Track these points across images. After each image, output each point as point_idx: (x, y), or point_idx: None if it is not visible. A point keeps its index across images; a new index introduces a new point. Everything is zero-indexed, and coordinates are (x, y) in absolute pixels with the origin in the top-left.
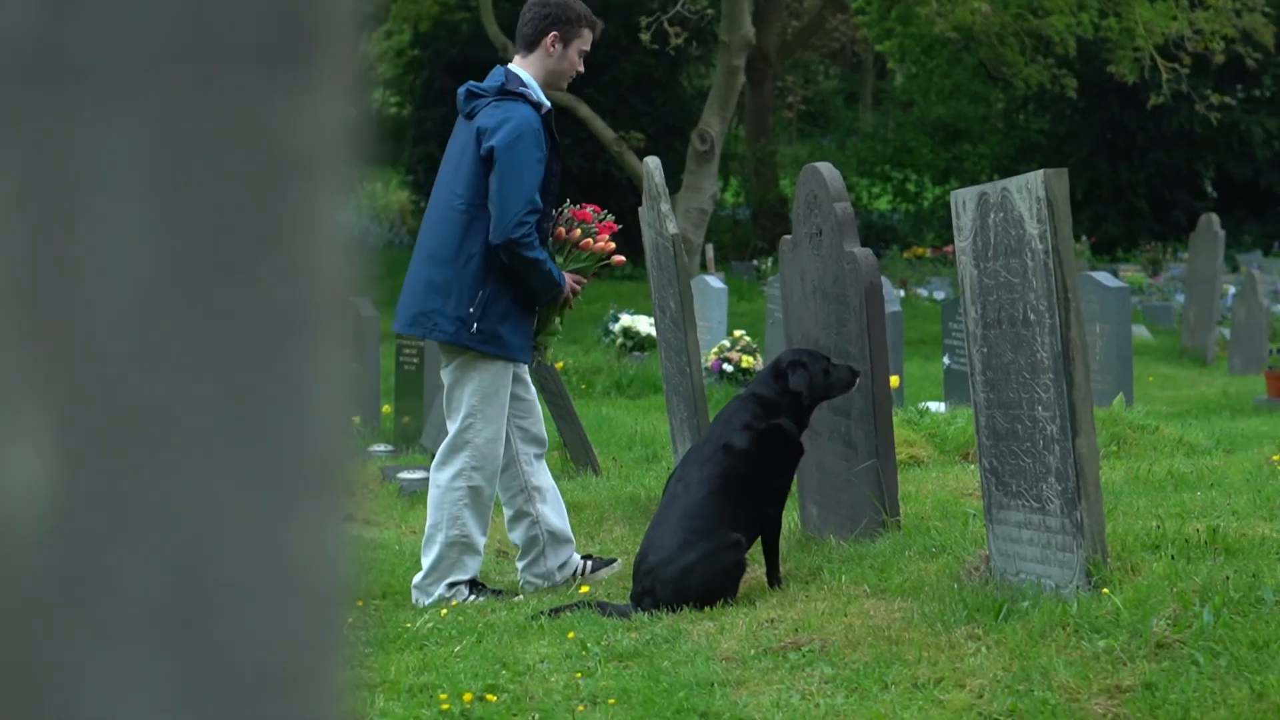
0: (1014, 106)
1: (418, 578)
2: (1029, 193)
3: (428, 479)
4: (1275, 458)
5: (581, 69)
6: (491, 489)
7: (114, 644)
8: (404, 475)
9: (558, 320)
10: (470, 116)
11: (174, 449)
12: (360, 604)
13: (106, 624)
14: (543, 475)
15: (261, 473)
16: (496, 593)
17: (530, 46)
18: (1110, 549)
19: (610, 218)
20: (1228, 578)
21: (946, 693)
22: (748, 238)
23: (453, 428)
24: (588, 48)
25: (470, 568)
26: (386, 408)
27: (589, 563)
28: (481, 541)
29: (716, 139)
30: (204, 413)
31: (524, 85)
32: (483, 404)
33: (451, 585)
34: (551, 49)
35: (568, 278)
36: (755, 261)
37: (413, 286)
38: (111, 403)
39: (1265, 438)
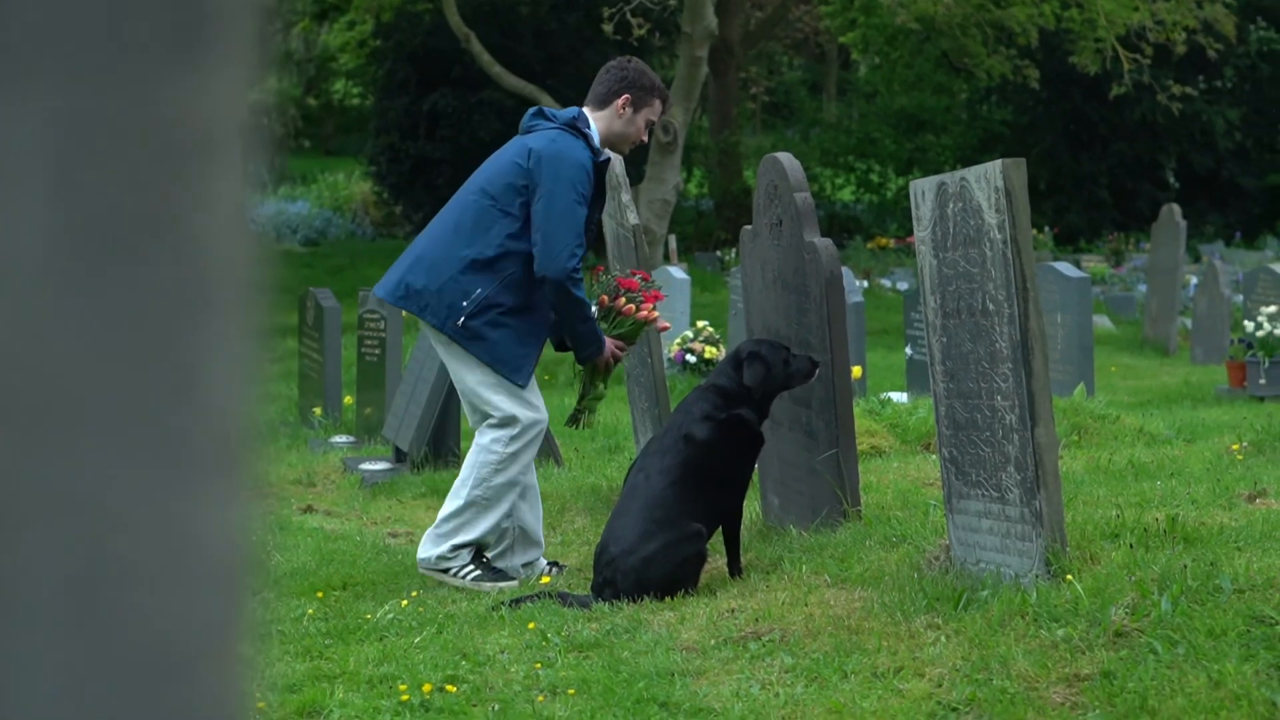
0: (977, 97)
1: (431, 528)
2: (987, 182)
3: (390, 470)
4: (1235, 447)
5: (646, 138)
6: (531, 456)
7: (13, 627)
8: (365, 467)
9: (601, 385)
10: (526, 133)
11: (72, 432)
12: (261, 586)
13: (5, 607)
14: (529, 474)
15: (161, 455)
16: (495, 571)
17: (601, 104)
18: (1069, 538)
19: (657, 286)
20: (1186, 567)
21: (906, 682)
22: (711, 229)
23: (491, 410)
24: (656, 119)
25: (480, 529)
26: (348, 399)
27: (554, 569)
28: (504, 507)
29: (679, 130)
30: (103, 395)
31: (590, 130)
32: (499, 387)
33: (457, 546)
34: (622, 111)
35: (609, 343)
36: (719, 252)
37: (414, 262)
38: (9, 386)
39: (1226, 427)
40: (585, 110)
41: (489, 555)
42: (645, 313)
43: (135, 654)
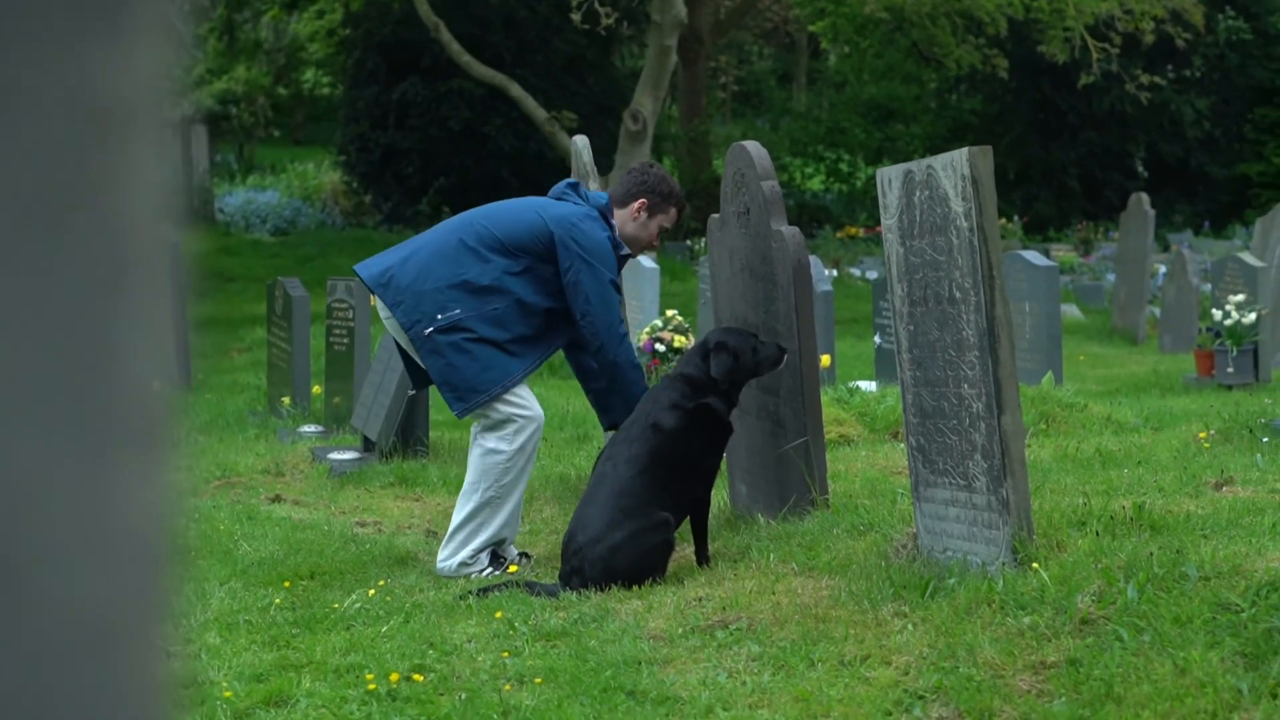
0: (946, 87)
1: (447, 537)
2: (954, 170)
3: (359, 460)
4: (1202, 435)
5: (658, 244)
6: (534, 451)
7: None
8: (334, 456)
9: None
10: (558, 199)
11: None
12: (182, 562)
13: None
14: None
15: (79, 431)
16: (525, 554)
17: (620, 204)
18: (1036, 526)
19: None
20: (1152, 554)
21: (873, 670)
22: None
23: (487, 412)
24: (670, 225)
25: (496, 528)
26: (317, 388)
27: (523, 558)
28: (515, 505)
29: (649, 119)
30: (20, 371)
31: (613, 223)
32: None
33: (477, 551)
34: (637, 215)
35: None
36: (688, 241)
37: (408, 257)
38: None
39: (1193, 415)
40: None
41: (504, 552)
42: None
43: (55, 632)
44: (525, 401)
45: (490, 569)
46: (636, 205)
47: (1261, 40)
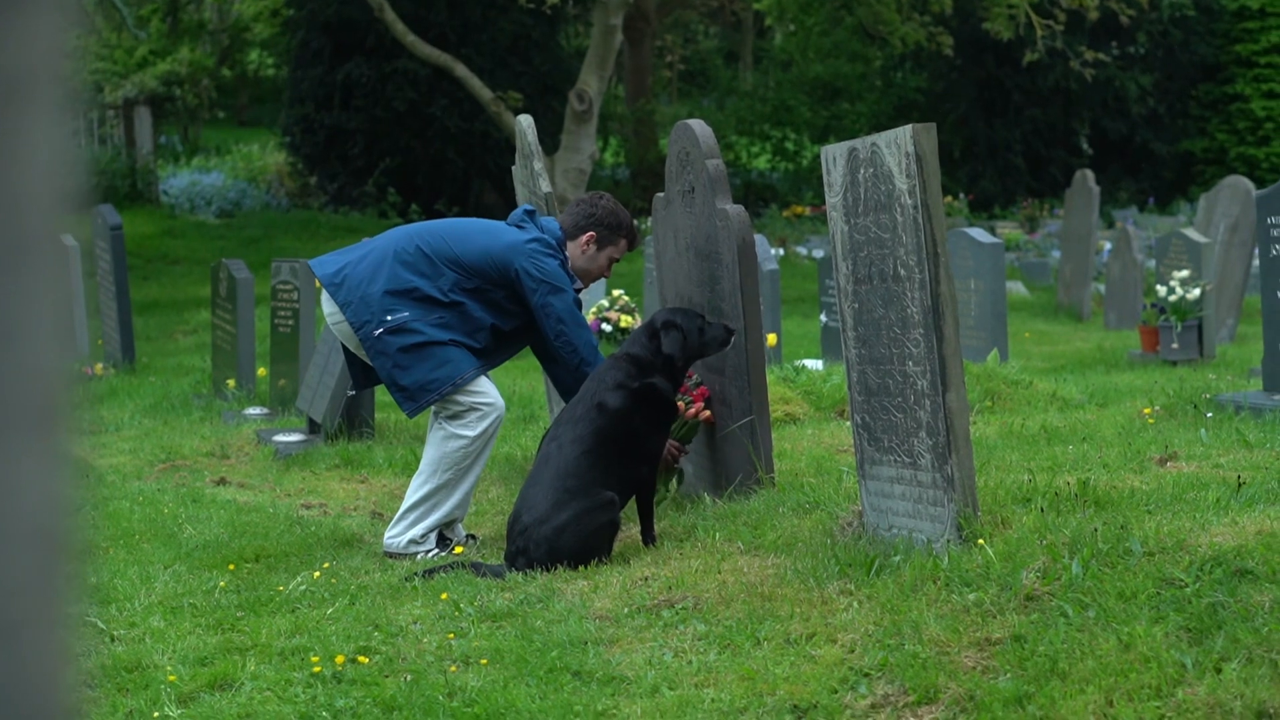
0: (891, 65)
1: (406, 507)
2: (898, 148)
3: (304, 442)
4: (1147, 411)
5: (609, 275)
6: (493, 439)
7: None
8: (279, 439)
9: (664, 488)
10: (517, 226)
11: None
12: (81, 548)
13: None
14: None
15: None
16: (471, 536)
17: (569, 236)
18: (981, 503)
19: (700, 383)
20: (1096, 530)
21: (818, 648)
22: (627, 197)
23: (446, 404)
24: (619, 257)
25: (445, 507)
26: (262, 370)
27: (471, 540)
28: (469, 489)
29: (595, 99)
30: None
31: (565, 255)
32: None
33: (425, 533)
34: (585, 247)
35: (670, 444)
36: (635, 221)
37: (363, 257)
38: None
39: (1138, 391)
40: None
41: (451, 533)
42: (697, 411)
43: None
44: (485, 390)
45: (437, 551)
46: (585, 238)
47: (1205, 17)
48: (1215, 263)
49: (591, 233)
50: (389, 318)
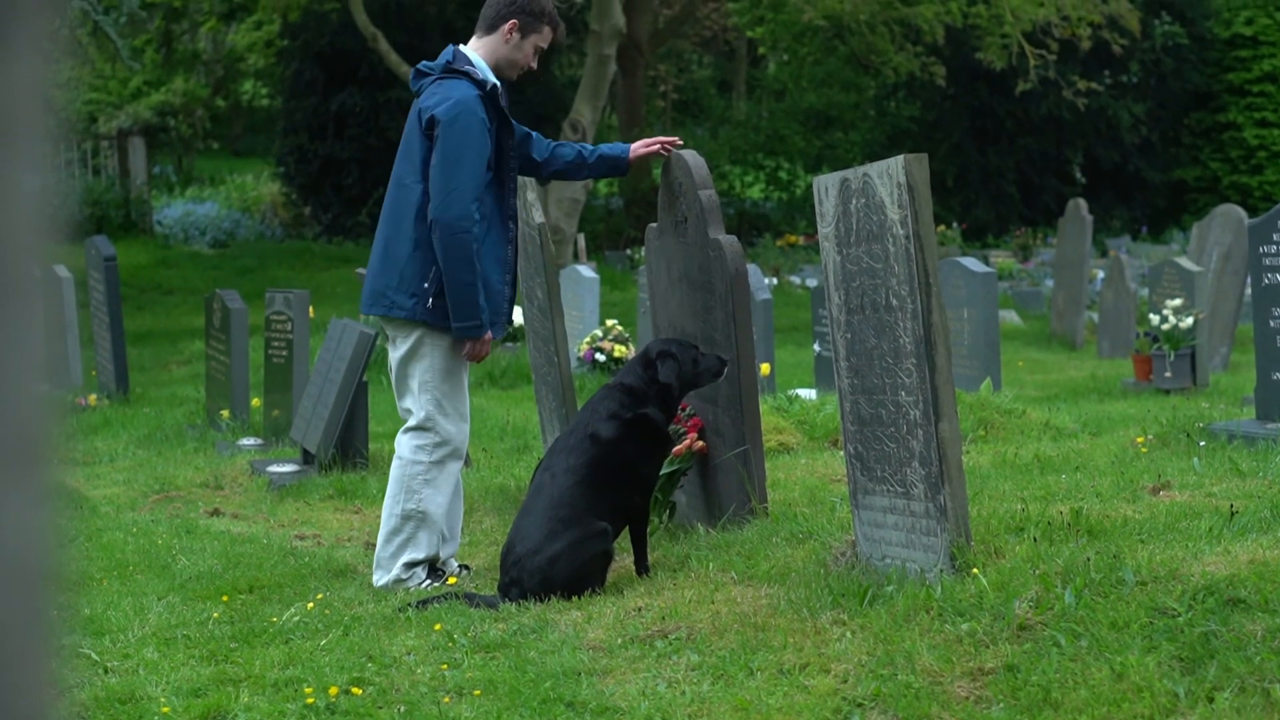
0: (884, 94)
1: (380, 549)
2: (890, 178)
3: (298, 472)
4: (1140, 440)
5: (534, 65)
6: (457, 465)
7: None
8: (273, 469)
9: (659, 518)
10: (418, 96)
11: None
12: (65, 585)
13: None
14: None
15: None
16: (464, 566)
17: (489, 29)
18: (974, 532)
19: (694, 413)
20: (1089, 559)
21: (811, 678)
22: (621, 227)
23: (414, 406)
24: (545, 45)
25: (426, 545)
26: (256, 401)
27: (464, 570)
28: (440, 519)
29: (588, 128)
30: None
31: (469, 65)
32: (443, 381)
33: (409, 565)
34: (509, 36)
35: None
36: (628, 251)
37: (372, 267)
38: None
39: (1131, 420)
40: (472, 39)
41: (442, 565)
42: (687, 443)
43: None
44: (451, 411)
45: (429, 581)
46: (507, 28)
47: (1197, 45)
48: (1208, 291)
49: (515, 20)
50: (425, 284)
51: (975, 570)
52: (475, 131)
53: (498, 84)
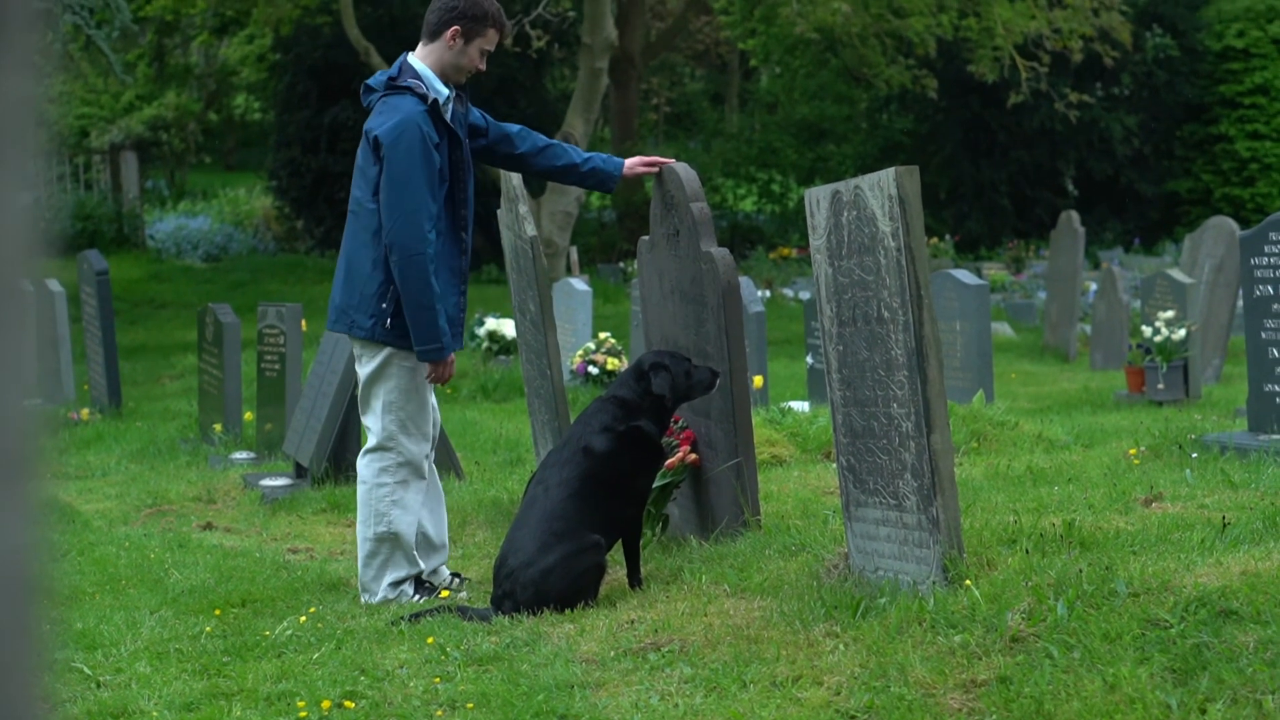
0: (877, 107)
1: (360, 573)
2: (881, 190)
3: (290, 486)
4: (1132, 452)
5: (483, 67)
6: (420, 482)
7: None
8: (266, 483)
9: (652, 530)
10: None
11: None
12: (51, 598)
13: None
14: (435, 473)
15: None
16: (457, 575)
17: (432, 36)
18: (967, 544)
19: (685, 425)
20: (1082, 571)
21: (804, 690)
22: (614, 240)
23: (375, 425)
24: (491, 47)
25: (406, 562)
26: (249, 415)
27: (458, 580)
28: (412, 536)
29: (581, 141)
30: None
31: (414, 77)
32: (404, 400)
33: (394, 585)
34: (452, 42)
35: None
36: (621, 264)
37: (337, 285)
38: None
39: (1124, 432)
40: (419, 47)
41: (429, 577)
42: (680, 456)
43: None
44: (412, 430)
45: (417, 596)
46: (450, 34)
47: (1189, 58)
48: (1200, 303)
49: (457, 26)
50: (384, 304)
51: (968, 582)
52: (420, 151)
53: (449, 92)
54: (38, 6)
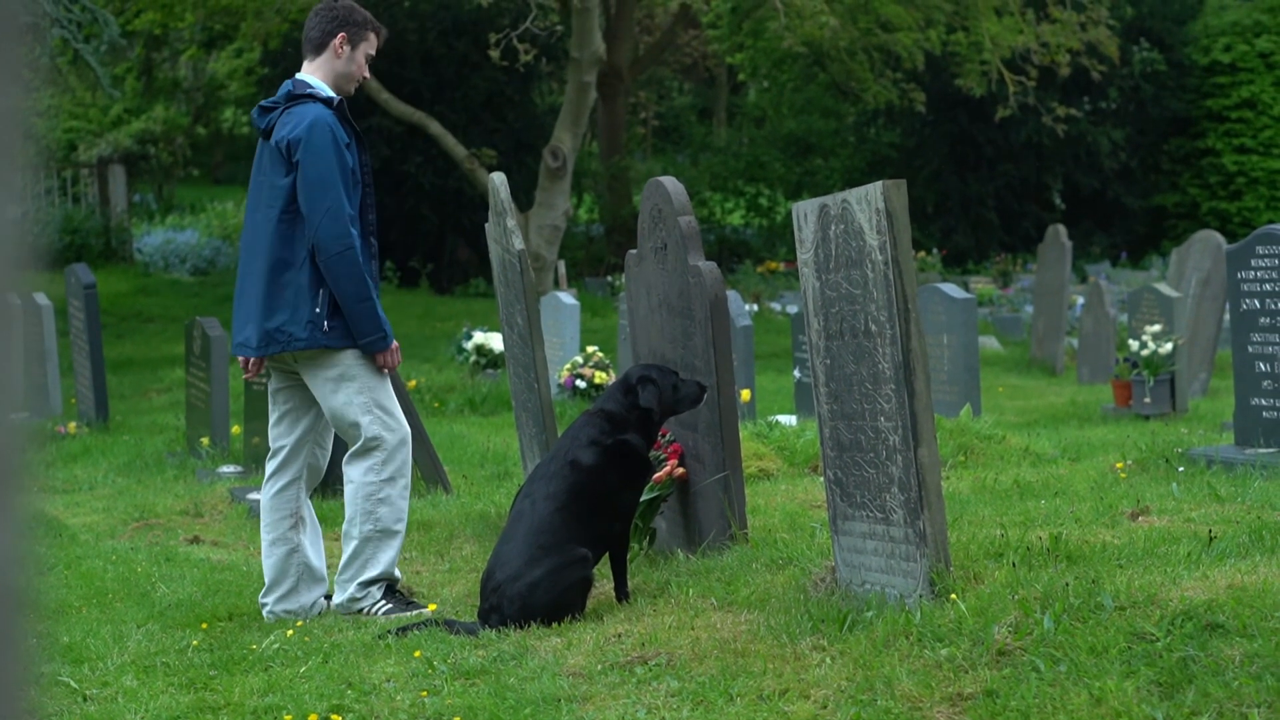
0: (864, 120)
1: (339, 573)
2: (869, 204)
3: None
4: (1119, 466)
5: (368, 74)
6: (406, 478)
7: None
8: (253, 496)
9: (639, 544)
10: (268, 134)
11: None
12: (36, 611)
13: None
14: (310, 507)
15: None
16: (409, 603)
17: (318, 50)
18: (954, 558)
19: (673, 439)
20: (1068, 585)
21: (791, 704)
22: (601, 254)
23: (354, 431)
24: (374, 52)
25: (384, 563)
26: (236, 428)
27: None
28: (400, 534)
29: (569, 155)
30: None
31: (310, 88)
32: (375, 393)
33: (364, 585)
34: (340, 50)
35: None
36: (609, 278)
37: (249, 310)
38: None
39: (1110, 446)
40: (305, 65)
41: (273, 595)
42: (668, 469)
43: None
44: (389, 420)
45: (383, 603)
46: (337, 42)
47: (1176, 72)
48: (1187, 317)
49: (342, 34)
50: (317, 308)
51: (954, 596)
52: (334, 150)
53: (342, 99)
54: (25, 20)
